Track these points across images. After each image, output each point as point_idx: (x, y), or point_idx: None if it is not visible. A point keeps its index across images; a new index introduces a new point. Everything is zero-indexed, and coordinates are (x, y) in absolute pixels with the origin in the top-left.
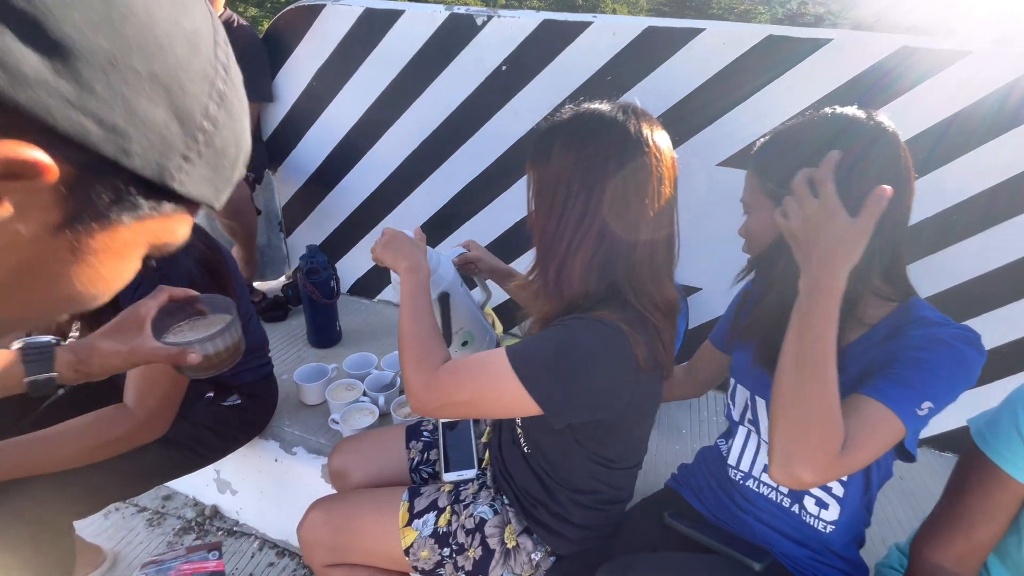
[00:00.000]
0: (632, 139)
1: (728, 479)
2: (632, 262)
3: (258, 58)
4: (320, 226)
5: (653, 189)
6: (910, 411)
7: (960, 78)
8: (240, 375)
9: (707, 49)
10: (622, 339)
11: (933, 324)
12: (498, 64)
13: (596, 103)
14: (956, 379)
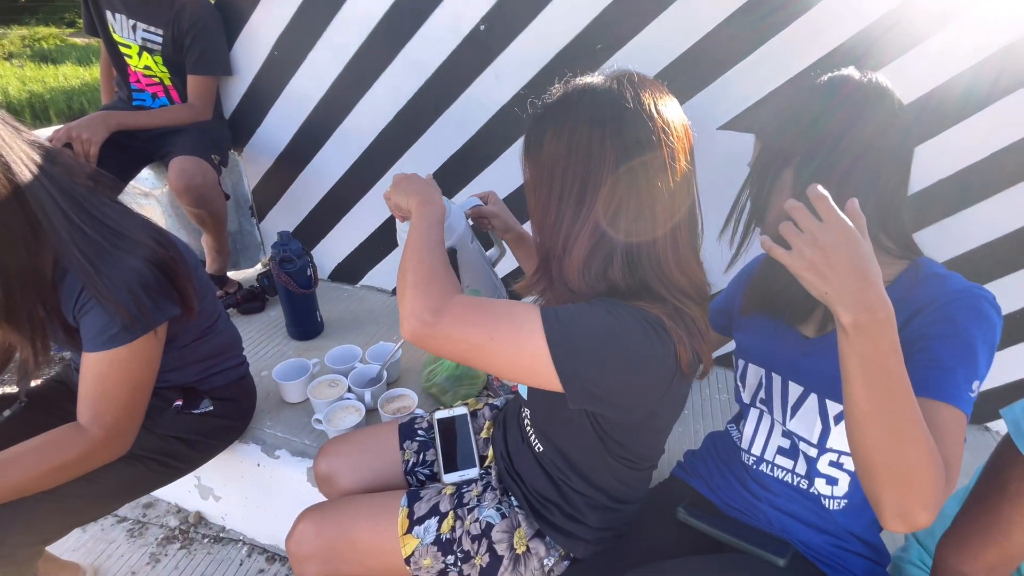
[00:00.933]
0: (631, 114)
1: (741, 464)
2: (655, 251)
3: (213, 28)
4: (294, 209)
5: (666, 166)
6: (966, 398)
7: None
8: (211, 379)
9: (703, 1)
10: (667, 340)
11: (946, 279)
12: (475, 23)
13: (587, 76)
14: (990, 341)
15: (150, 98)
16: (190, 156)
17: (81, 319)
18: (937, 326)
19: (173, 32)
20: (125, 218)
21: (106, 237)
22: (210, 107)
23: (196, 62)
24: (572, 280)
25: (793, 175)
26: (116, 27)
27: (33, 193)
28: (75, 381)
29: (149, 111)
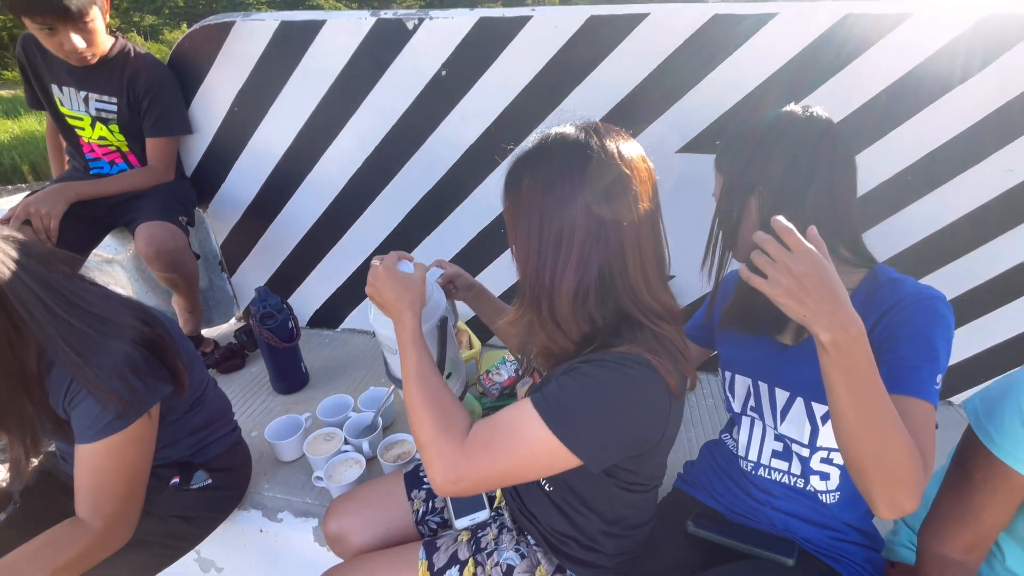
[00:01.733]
0: (600, 160)
1: (740, 471)
2: (628, 281)
3: (169, 89)
4: (266, 260)
5: (630, 206)
6: (932, 391)
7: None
8: (205, 450)
9: (653, 34)
10: (653, 375)
11: (903, 284)
12: (437, 69)
13: (561, 127)
14: (947, 338)
15: (107, 165)
16: (157, 221)
17: (72, 411)
18: (901, 328)
19: (128, 98)
20: (107, 301)
21: (91, 325)
22: (171, 168)
23: (154, 125)
24: (563, 313)
25: (758, 203)
26: (64, 101)
27: (13, 290)
28: (62, 470)
29: (109, 178)
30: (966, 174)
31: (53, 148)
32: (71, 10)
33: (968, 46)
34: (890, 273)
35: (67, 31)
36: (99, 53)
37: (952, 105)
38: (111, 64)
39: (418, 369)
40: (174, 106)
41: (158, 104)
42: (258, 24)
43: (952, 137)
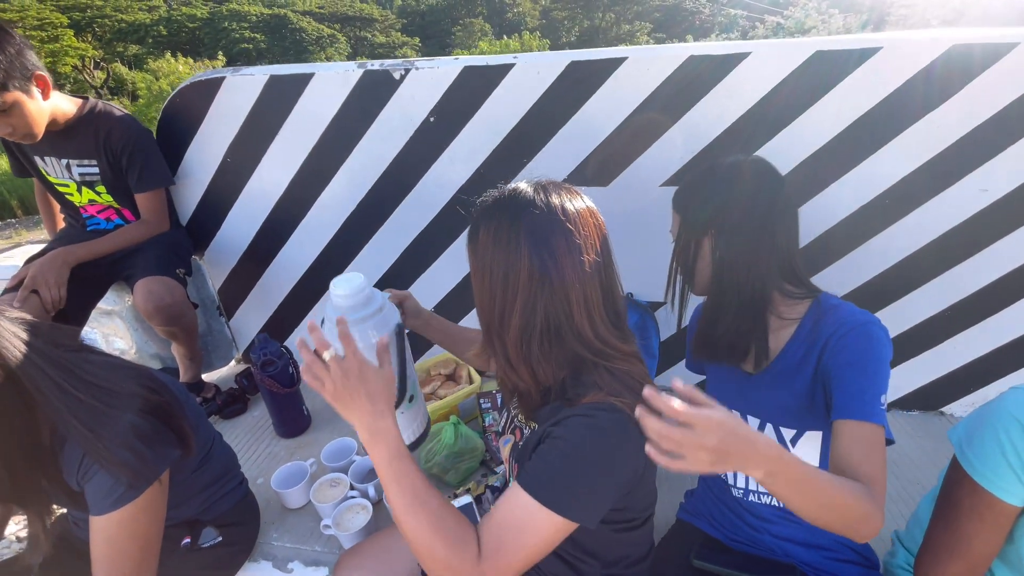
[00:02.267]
0: (541, 215)
1: (734, 499)
2: (574, 325)
3: (145, 143)
4: (262, 304)
5: (573, 257)
6: (878, 412)
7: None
8: (214, 507)
9: (632, 76)
10: (619, 416)
11: (841, 311)
12: (425, 116)
13: (517, 183)
14: (884, 358)
15: (104, 222)
16: (155, 276)
17: (86, 484)
18: (841, 355)
19: (107, 159)
20: (114, 373)
21: (99, 399)
22: (165, 218)
23: (139, 181)
24: (511, 354)
25: (711, 244)
26: (48, 170)
27: (25, 371)
28: (75, 535)
29: (106, 237)
30: (942, 195)
31: (44, 209)
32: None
33: (937, 75)
34: (831, 300)
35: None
36: (36, 134)
37: (924, 131)
38: (81, 128)
39: (413, 490)
40: (153, 160)
41: (137, 160)
42: (247, 79)
43: (925, 161)
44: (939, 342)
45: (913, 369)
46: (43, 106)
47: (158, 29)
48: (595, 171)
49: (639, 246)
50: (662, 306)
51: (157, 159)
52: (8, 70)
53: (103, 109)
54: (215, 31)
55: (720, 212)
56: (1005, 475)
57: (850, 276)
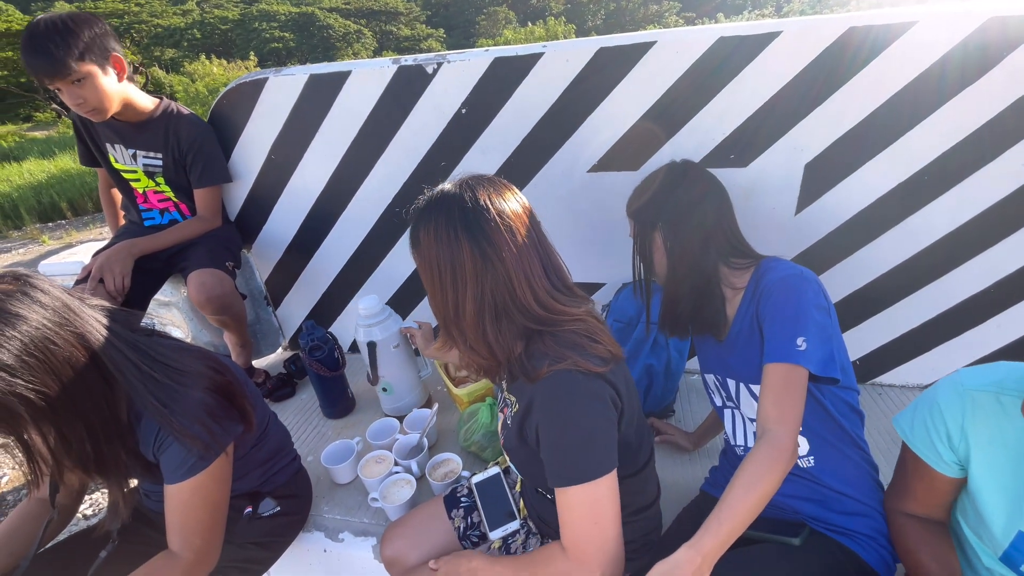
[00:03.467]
0: (470, 210)
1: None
2: (518, 299)
3: (210, 142)
4: (307, 294)
5: (506, 241)
6: (792, 352)
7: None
8: (271, 480)
9: (662, 60)
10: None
11: (772, 270)
12: (457, 108)
13: (443, 185)
14: (803, 303)
15: (158, 215)
16: (207, 268)
17: (161, 456)
18: (764, 307)
19: (173, 155)
20: (182, 355)
21: (172, 377)
22: (219, 215)
23: (200, 177)
24: (470, 337)
25: (663, 236)
26: (117, 157)
27: (107, 353)
28: (147, 507)
29: (165, 232)
30: (983, 170)
31: (107, 204)
32: (53, 70)
33: (974, 49)
34: (769, 263)
35: (66, 89)
36: (106, 109)
37: (964, 105)
38: (154, 124)
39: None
40: (216, 158)
41: (201, 158)
42: (288, 78)
43: (965, 136)
44: (983, 321)
45: (956, 353)
46: (116, 87)
47: (192, 32)
48: (624, 155)
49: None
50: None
51: (219, 157)
52: (88, 45)
53: (175, 109)
54: (246, 32)
55: (663, 207)
56: (939, 451)
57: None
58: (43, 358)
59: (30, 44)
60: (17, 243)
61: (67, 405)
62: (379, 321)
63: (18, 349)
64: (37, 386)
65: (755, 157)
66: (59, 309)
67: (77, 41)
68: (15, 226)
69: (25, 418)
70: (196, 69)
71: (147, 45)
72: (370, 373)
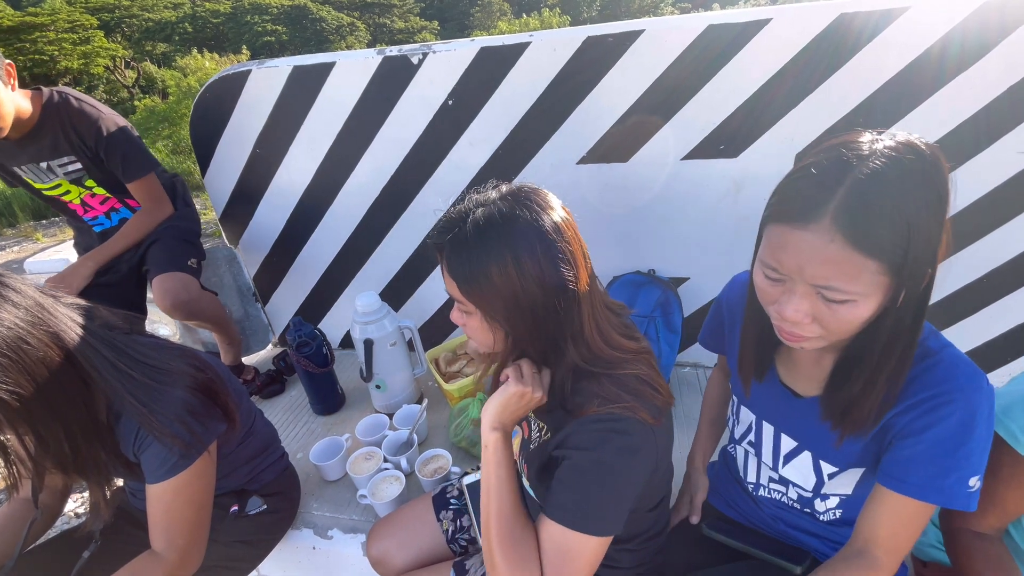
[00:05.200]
0: (548, 242)
1: (742, 482)
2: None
3: (119, 132)
4: (296, 289)
5: (577, 269)
6: (960, 494)
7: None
8: (258, 477)
9: (650, 49)
10: (629, 423)
11: (942, 364)
12: (444, 100)
13: (492, 202)
14: (988, 433)
15: (105, 219)
16: (168, 273)
17: (141, 455)
18: (923, 436)
19: (86, 154)
20: (162, 352)
21: (150, 376)
22: (165, 201)
23: (125, 171)
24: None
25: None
26: (33, 178)
27: (82, 353)
28: (133, 506)
29: (117, 235)
30: (978, 158)
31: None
32: None
33: (968, 35)
34: (928, 342)
35: None
36: (5, 123)
37: (958, 91)
38: (47, 125)
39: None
40: (133, 147)
41: (116, 150)
42: (272, 70)
43: (960, 123)
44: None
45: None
46: (8, 95)
47: (184, 26)
48: (614, 147)
49: (659, 221)
50: (685, 282)
51: (136, 145)
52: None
53: (59, 100)
54: (238, 25)
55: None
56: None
57: None
58: (16, 358)
59: None
60: (11, 241)
61: (43, 405)
62: (376, 319)
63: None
64: (11, 386)
65: (745, 147)
66: (32, 308)
67: None
68: (9, 224)
69: (0, 419)
70: (188, 63)
71: (138, 40)
72: (364, 370)
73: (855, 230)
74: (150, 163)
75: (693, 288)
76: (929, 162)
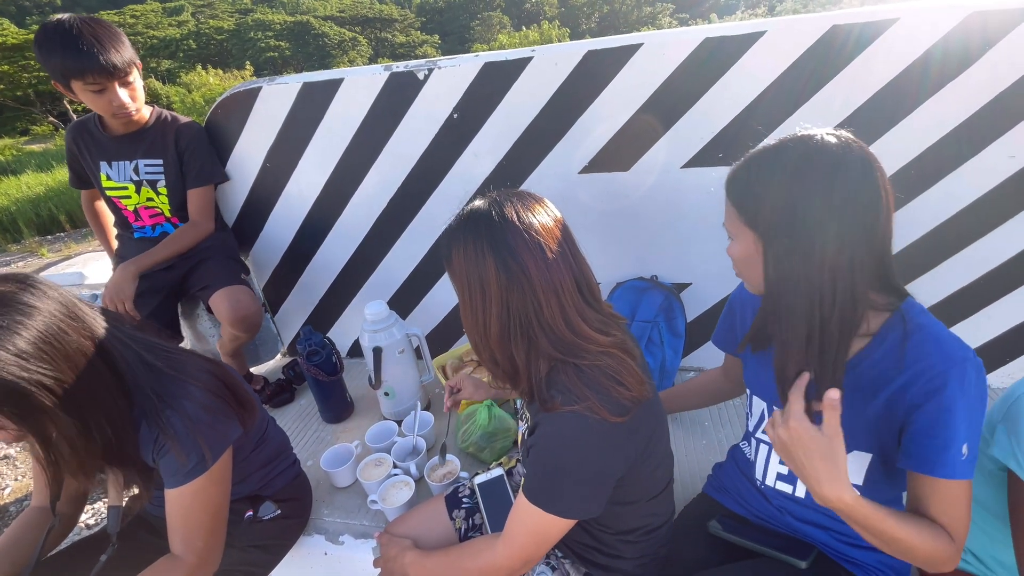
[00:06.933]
0: (497, 226)
1: (752, 474)
2: (545, 321)
3: (204, 141)
4: (305, 300)
5: (533, 255)
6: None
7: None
8: (271, 483)
9: (648, 61)
10: (583, 420)
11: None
12: (449, 113)
13: (476, 200)
14: (971, 407)
15: (150, 230)
16: (232, 286)
17: (160, 460)
18: (931, 401)
19: (173, 157)
20: (182, 353)
21: (174, 367)
22: (211, 218)
23: (197, 175)
24: (499, 357)
25: (783, 242)
26: (112, 175)
27: (112, 344)
28: (147, 511)
29: (159, 246)
30: (969, 163)
31: (94, 220)
32: (118, 67)
33: (954, 45)
34: (919, 317)
35: (114, 88)
36: (141, 110)
37: (948, 99)
38: (152, 130)
39: None
40: (210, 156)
41: (197, 157)
42: (282, 87)
43: (951, 130)
44: (973, 312)
45: None
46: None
47: (188, 43)
48: (615, 156)
49: (662, 228)
50: (688, 287)
51: (213, 156)
52: (134, 51)
53: (169, 114)
54: (242, 42)
55: (792, 201)
56: None
57: None
58: (59, 346)
59: (77, 43)
60: (16, 256)
61: (85, 393)
62: (385, 327)
63: (34, 337)
64: (55, 373)
65: (743, 155)
66: (66, 303)
67: (125, 40)
68: (14, 239)
69: (48, 408)
70: (192, 79)
71: (143, 56)
72: (373, 377)
73: (728, 183)
74: (218, 175)
75: (696, 293)
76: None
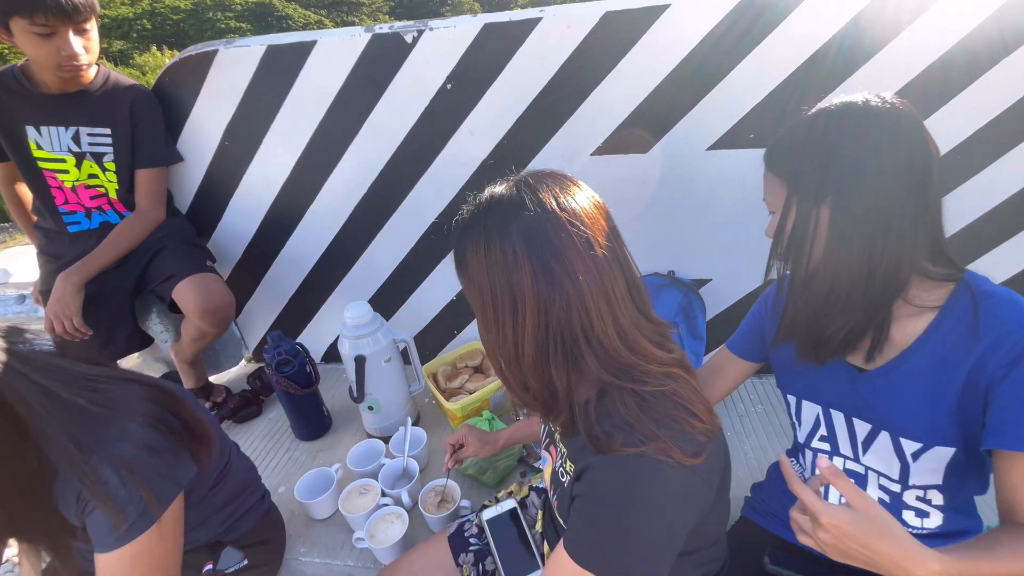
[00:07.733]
0: (533, 217)
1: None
2: (597, 339)
3: (158, 116)
4: (272, 298)
5: (585, 259)
6: None
7: None
8: (236, 526)
9: (676, 24)
10: (657, 466)
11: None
12: (441, 83)
13: (493, 185)
14: None
15: (84, 217)
16: (198, 275)
17: (87, 519)
18: (1017, 369)
19: (123, 128)
20: (118, 381)
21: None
22: (162, 205)
23: (151, 155)
24: (532, 383)
25: (830, 215)
26: (41, 143)
27: (14, 392)
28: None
29: (103, 246)
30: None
31: (14, 204)
32: (78, 7)
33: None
34: (984, 285)
35: (66, 34)
36: (91, 66)
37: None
38: (98, 93)
39: None
40: (163, 134)
41: (149, 132)
42: (243, 51)
43: (1004, 110)
44: None
45: None
46: None
47: (142, 23)
48: (632, 136)
49: (683, 219)
50: (707, 283)
51: (165, 134)
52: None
53: (117, 77)
54: (200, 22)
55: (841, 170)
56: None
57: None
58: None
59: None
60: None
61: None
62: (369, 332)
63: None
64: None
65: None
66: None
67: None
68: None
69: None
70: (147, 61)
71: None
72: (355, 390)
73: (773, 154)
74: (173, 156)
75: (716, 291)
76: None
